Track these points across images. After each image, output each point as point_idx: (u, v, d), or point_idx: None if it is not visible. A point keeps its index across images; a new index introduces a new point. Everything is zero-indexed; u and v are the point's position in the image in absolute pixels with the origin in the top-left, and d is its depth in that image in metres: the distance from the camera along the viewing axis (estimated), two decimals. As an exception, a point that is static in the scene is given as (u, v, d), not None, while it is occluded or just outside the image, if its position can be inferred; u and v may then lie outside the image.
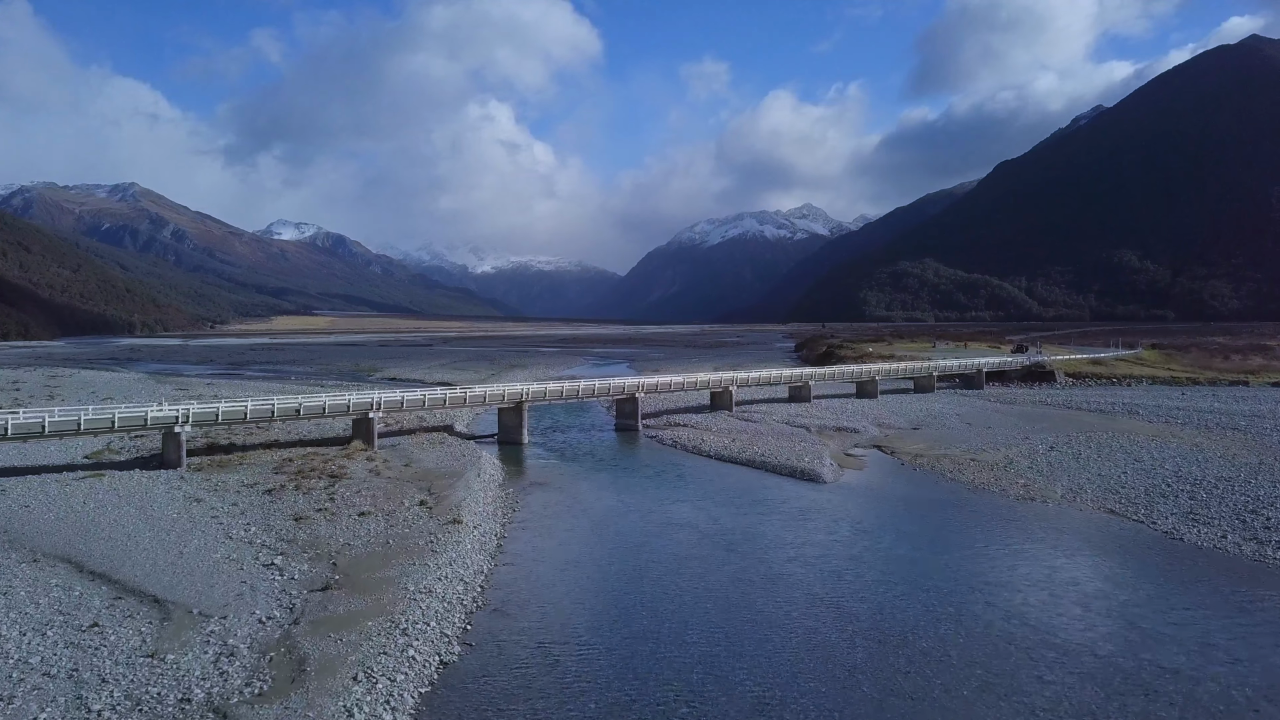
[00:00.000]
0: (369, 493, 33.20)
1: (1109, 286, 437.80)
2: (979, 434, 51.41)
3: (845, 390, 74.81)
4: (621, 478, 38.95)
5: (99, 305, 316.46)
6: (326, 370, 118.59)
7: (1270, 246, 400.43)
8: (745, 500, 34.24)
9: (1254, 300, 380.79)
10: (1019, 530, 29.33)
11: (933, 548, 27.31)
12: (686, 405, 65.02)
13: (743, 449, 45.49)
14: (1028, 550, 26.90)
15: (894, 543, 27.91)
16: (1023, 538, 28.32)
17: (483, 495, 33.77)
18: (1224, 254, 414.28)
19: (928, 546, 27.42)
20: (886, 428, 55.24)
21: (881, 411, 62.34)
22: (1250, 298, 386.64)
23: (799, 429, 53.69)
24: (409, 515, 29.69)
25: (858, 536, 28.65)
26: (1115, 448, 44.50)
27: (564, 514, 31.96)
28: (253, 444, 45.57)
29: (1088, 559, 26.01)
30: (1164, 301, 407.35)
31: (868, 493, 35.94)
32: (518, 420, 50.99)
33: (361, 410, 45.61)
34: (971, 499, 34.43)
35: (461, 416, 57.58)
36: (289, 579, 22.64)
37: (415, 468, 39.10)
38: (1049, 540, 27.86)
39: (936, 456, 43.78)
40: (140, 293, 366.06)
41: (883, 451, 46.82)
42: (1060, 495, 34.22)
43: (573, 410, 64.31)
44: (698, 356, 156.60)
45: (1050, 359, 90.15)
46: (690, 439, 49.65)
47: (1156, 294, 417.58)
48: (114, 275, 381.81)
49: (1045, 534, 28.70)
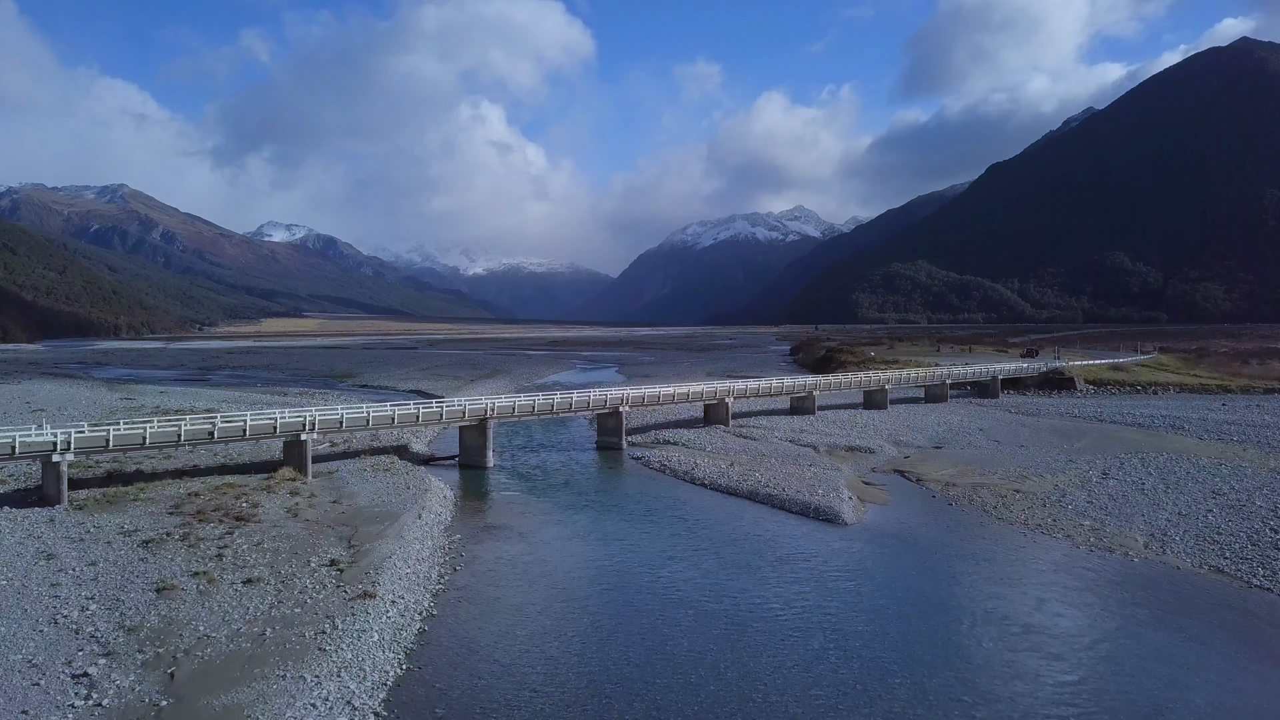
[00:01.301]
0: (272, 546, 26.07)
1: (1102, 288, 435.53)
2: (1013, 454, 44.74)
3: (851, 401, 68.12)
4: (599, 519, 31.89)
5: (84, 307, 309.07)
6: (298, 375, 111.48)
7: (1262, 248, 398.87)
8: (753, 553, 27.31)
9: (1247, 302, 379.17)
10: (1113, 605, 22.52)
11: (1017, 640, 20.31)
12: (677, 419, 58.12)
13: (743, 476, 38.58)
14: (1141, 646, 20.06)
15: (959, 629, 20.90)
16: (1119, 618, 21.47)
17: (418, 547, 26.69)
18: (1216, 256, 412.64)
19: (1009, 637, 20.46)
20: (905, 446, 48.50)
21: (896, 426, 55.61)
22: (1243, 299, 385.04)
23: (805, 448, 46.88)
24: (310, 583, 22.59)
25: (906, 617, 21.66)
26: (1181, 475, 37.89)
27: (519, 578, 24.91)
28: (165, 471, 38.35)
29: (1238, 661, 19.21)
30: (1157, 303, 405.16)
31: (901, 541, 29.05)
32: (481, 441, 43.91)
33: (292, 432, 38.41)
34: (1032, 550, 27.63)
35: (423, 434, 50.47)
36: (93, 705, 15.53)
37: (345, 505, 31.96)
38: (1164, 623, 21.01)
39: (972, 486, 37.02)
40: (127, 295, 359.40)
41: (906, 478, 40.03)
42: (1143, 545, 27.49)
43: (549, 425, 57.27)
44: (689, 360, 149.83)
45: (1068, 365, 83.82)
46: (682, 462, 42.72)
47: (1149, 296, 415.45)
48: (101, 277, 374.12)
49: (1151, 609, 21.90)
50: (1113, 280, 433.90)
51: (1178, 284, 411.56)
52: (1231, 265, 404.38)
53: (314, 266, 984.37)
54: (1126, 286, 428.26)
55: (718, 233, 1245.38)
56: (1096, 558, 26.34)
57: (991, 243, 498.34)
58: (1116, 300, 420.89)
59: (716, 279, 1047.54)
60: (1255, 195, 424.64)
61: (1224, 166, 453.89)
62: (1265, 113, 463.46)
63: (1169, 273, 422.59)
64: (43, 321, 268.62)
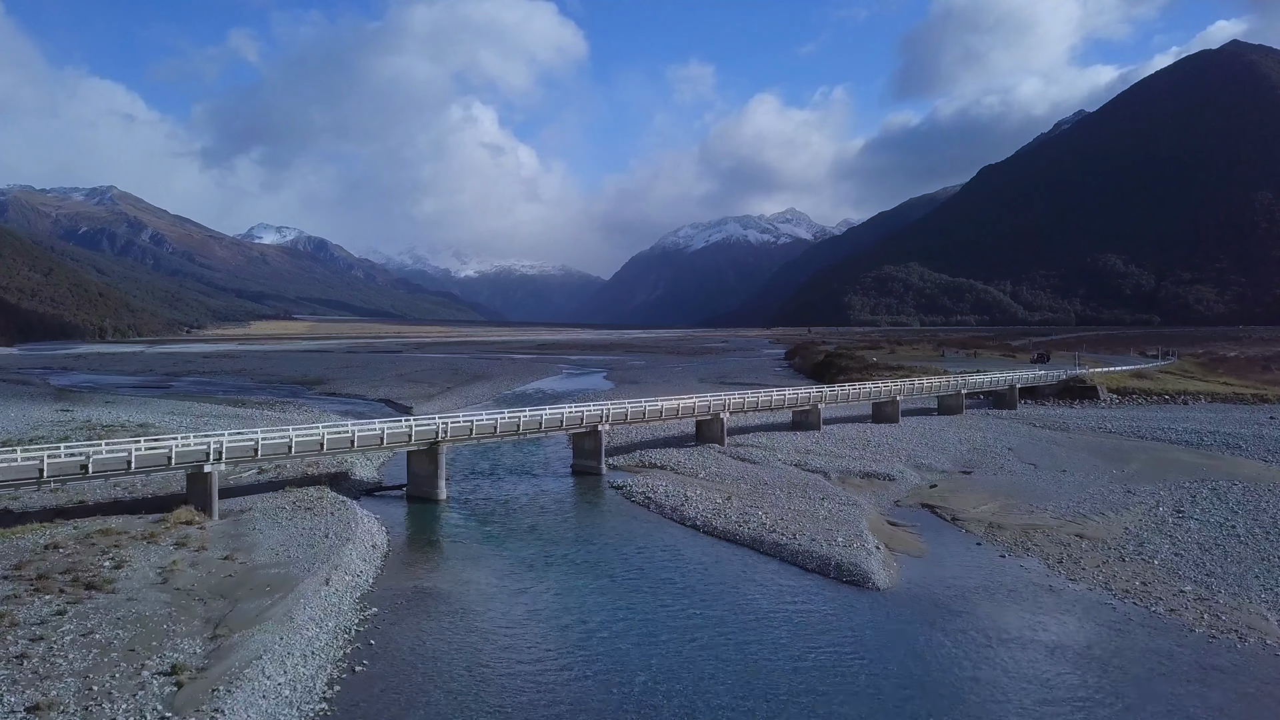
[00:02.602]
0: (107, 636, 19.07)
1: (1094, 291, 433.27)
2: (1056, 483, 38.23)
3: (859, 413, 61.59)
4: (565, 585, 24.91)
5: (70, 310, 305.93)
6: (267, 382, 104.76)
7: (1254, 250, 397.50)
8: (764, 641, 20.52)
9: (1239, 304, 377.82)
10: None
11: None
12: (666, 435, 51.39)
13: (744, 515, 31.81)
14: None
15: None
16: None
17: (309, 635, 19.71)
18: (1208, 258, 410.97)
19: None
20: (927, 471, 41.92)
21: (913, 444, 49.04)
22: (1235, 302, 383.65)
23: (814, 474, 40.21)
24: (124, 710, 15.63)
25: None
26: (1275, 513, 31.42)
27: (444, 688, 18.00)
28: (39, 509, 31.32)
29: None
30: (1149, 306, 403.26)
31: (953, 615, 22.26)
32: (432, 469, 36.99)
33: (192, 463, 31.39)
34: (1130, 635, 20.94)
35: (375, 457, 43.46)
36: None
37: (237, 563, 24.96)
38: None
39: (1023, 529, 30.42)
40: (114, 297, 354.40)
41: (938, 514, 33.42)
42: (1277, 624, 20.91)
43: (521, 442, 50.35)
44: (681, 365, 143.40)
45: (1089, 372, 77.64)
46: (670, 494, 35.93)
47: (1142, 298, 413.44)
48: (87, 279, 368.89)
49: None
50: (1105, 282, 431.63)
51: (1170, 286, 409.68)
52: (1223, 268, 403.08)
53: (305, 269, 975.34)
54: (1119, 289, 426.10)
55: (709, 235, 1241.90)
56: (1222, 649, 19.69)
57: (983, 245, 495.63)
58: (1109, 303, 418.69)
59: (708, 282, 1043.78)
60: (1247, 197, 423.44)
61: (1215, 169, 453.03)
62: (1256, 115, 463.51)
63: (1161, 275, 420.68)
64: (25, 324, 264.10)
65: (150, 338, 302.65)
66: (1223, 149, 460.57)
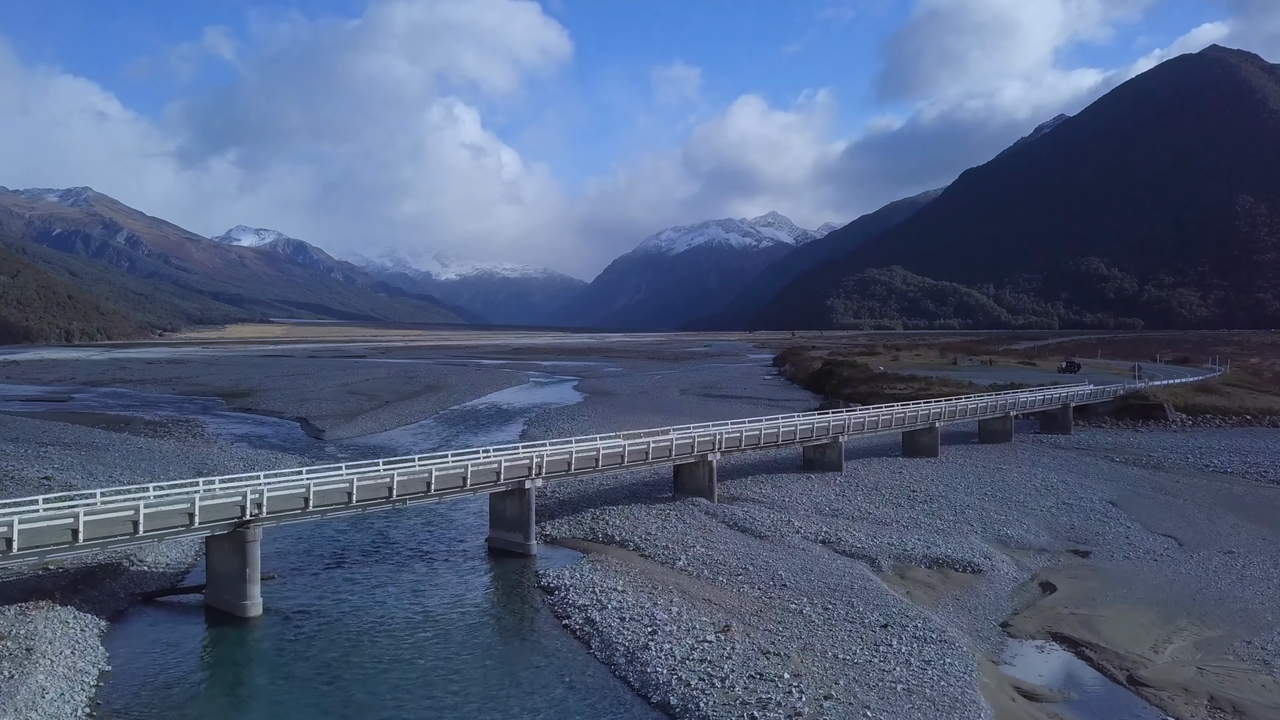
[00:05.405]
0: None
1: (1076, 294, 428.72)
2: (1235, 575, 24.40)
3: (884, 442, 47.63)
4: None
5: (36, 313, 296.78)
6: (188, 394, 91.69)
7: (1236, 254, 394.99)
8: None
9: (1221, 308, 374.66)
10: None
11: None
12: (631, 483, 37.02)
13: (757, 675, 17.41)
14: None
15: None
16: None
17: None
18: (1190, 262, 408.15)
19: None
20: (1018, 549, 27.89)
21: (974, 495, 35.01)
22: (1217, 305, 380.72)
23: (854, 560, 26.01)
24: None
25: None
26: None
27: None
28: None
29: None
30: (1132, 309, 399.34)
31: None
32: (239, 564, 22.23)
33: None
34: None
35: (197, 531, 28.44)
36: None
37: None
38: None
39: (1263, 707, 16.42)
40: (83, 300, 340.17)
41: (1089, 661, 19.26)
42: None
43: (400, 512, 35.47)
44: (661, 372, 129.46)
45: (1148, 386, 64.41)
46: (629, 614, 21.40)
47: (1124, 302, 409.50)
48: (56, 281, 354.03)
49: None
50: (1088, 286, 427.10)
51: (1153, 290, 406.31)
52: (1205, 271, 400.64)
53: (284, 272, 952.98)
54: (1101, 292, 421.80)
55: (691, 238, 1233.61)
56: None
57: (966, 248, 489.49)
58: (1092, 306, 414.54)
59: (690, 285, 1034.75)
60: (1228, 201, 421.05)
61: (1197, 173, 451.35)
62: (1236, 119, 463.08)
63: (1144, 279, 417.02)
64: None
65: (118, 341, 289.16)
66: (1204, 153, 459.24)
